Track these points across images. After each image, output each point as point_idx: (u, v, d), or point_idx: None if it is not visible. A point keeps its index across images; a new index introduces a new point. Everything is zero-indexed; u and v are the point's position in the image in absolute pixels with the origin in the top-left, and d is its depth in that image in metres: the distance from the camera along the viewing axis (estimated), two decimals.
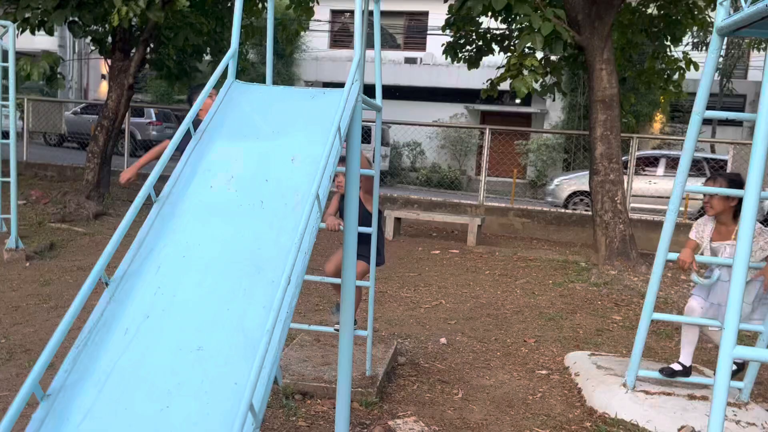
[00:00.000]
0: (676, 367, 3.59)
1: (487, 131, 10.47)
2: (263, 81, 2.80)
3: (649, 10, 9.58)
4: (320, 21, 20.82)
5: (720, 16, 2.66)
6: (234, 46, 2.42)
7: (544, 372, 4.04)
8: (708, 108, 2.92)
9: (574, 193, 12.19)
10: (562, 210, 10.40)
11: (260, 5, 11.50)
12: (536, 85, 9.13)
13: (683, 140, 3.10)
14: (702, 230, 3.50)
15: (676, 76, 9.80)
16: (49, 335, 3.74)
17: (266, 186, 1.96)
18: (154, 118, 18.88)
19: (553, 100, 10.89)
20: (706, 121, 16.58)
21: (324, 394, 3.36)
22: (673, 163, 12.04)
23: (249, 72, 18.77)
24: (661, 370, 3.59)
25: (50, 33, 8.90)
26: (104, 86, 25.04)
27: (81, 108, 19.65)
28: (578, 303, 5.87)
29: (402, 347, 4.31)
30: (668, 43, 9.63)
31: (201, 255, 1.77)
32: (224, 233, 1.84)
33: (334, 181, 3.33)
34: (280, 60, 21.02)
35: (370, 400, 3.34)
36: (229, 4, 11.20)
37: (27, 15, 8.29)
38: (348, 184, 2.42)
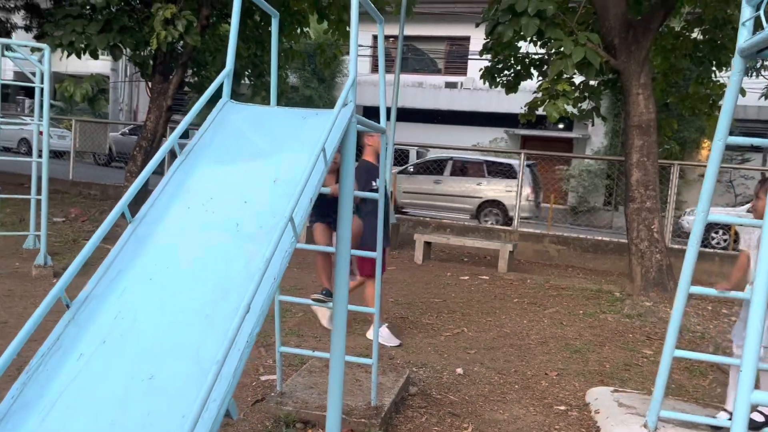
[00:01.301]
0: (757, 417, 3.32)
1: (522, 156, 10.29)
2: (306, 104, 2.77)
3: (694, 35, 9.32)
4: (362, 46, 21.05)
5: (742, 37, 2.50)
6: (229, 66, 2.40)
7: (562, 408, 3.84)
8: (751, 133, 2.76)
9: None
10: (599, 237, 10.09)
11: (299, 29, 11.71)
12: (573, 110, 8.95)
13: (731, 168, 2.93)
14: (749, 237, 3.29)
15: (721, 102, 9.46)
16: None
17: (244, 208, 1.90)
18: None
19: (592, 125, 10.66)
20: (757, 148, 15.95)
21: (323, 424, 3.25)
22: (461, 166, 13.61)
23: (292, 96, 19.10)
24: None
25: (94, 57, 9.19)
26: None
27: (129, 129, 20.25)
28: (608, 335, 5.62)
29: (415, 376, 4.17)
30: (713, 68, 9.32)
31: (168, 278, 1.72)
32: (196, 256, 1.78)
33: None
34: (322, 84, 21.30)
35: None
36: (269, 29, 11.42)
37: (72, 39, 8.59)
38: (341, 203, 2.35)
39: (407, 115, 20.33)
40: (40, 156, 6.14)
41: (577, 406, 3.88)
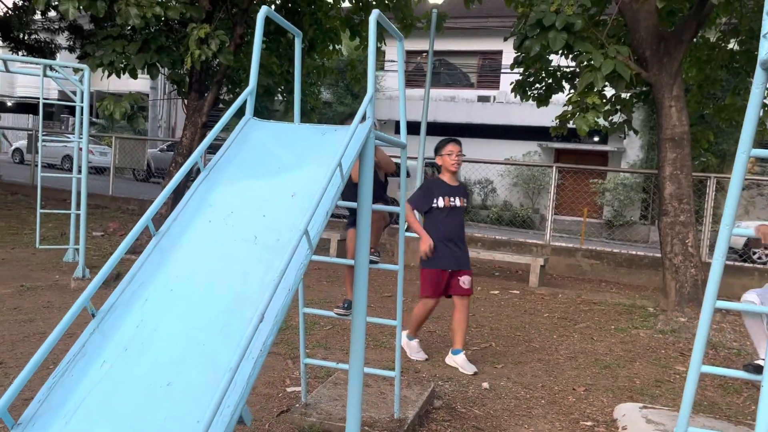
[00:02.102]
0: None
1: (554, 169, 10.22)
2: (339, 120, 2.84)
3: (730, 46, 9.17)
4: (394, 61, 21.20)
5: (763, 50, 2.47)
6: (252, 84, 2.48)
7: (588, 423, 3.79)
8: None
9: None
10: (634, 252, 9.92)
11: (332, 47, 11.89)
12: (605, 123, 8.87)
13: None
14: None
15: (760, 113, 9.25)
16: None
17: (262, 221, 1.96)
18: None
19: (624, 137, 10.53)
20: None
21: None
22: None
23: (325, 111, 19.35)
24: (745, 366, 3.35)
25: (133, 76, 9.49)
26: None
27: (167, 146, 20.75)
28: (639, 351, 5.52)
29: (441, 390, 4.17)
30: (750, 78, 9.13)
31: (188, 289, 1.78)
32: (215, 268, 1.85)
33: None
34: (355, 99, 21.52)
35: None
36: (302, 46, 11.62)
37: (112, 59, 8.89)
38: (360, 217, 2.40)
39: (439, 129, 20.36)
40: (80, 172, 6.35)
41: (604, 422, 3.83)
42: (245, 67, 10.32)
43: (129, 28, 9.27)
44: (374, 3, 11.43)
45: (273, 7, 11.29)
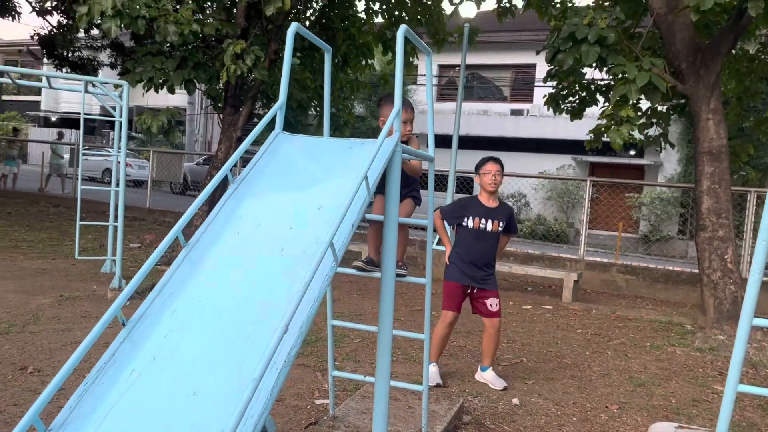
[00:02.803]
0: None
1: (588, 183, 10.10)
2: (373, 134, 2.86)
3: None
4: (424, 75, 21.28)
5: None
6: (282, 99, 2.52)
7: None
8: None
9: None
10: (671, 267, 9.70)
11: (365, 62, 12.00)
12: (640, 136, 8.73)
13: None
14: None
15: None
16: None
17: (289, 233, 1.99)
18: None
19: (659, 151, 10.35)
20: None
21: None
22: None
23: (358, 125, 19.48)
24: None
25: (171, 91, 9.72)
26: None
27: (203, 159, 21.14)
28: (676, 369, 5.38)
29: (470, 405, 4.14)
30: None
31: (216, 300, 1.81)
32: (242, 279, 1.88)
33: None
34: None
35: None
36: (336, 61, 11.77)
37: (151, 75, 9.12)
38: (386, 229, 2.41)
39: (472, 142, 20.32)
40: (118, 185, 6.52)
41: None
42: (279, 82, 10.49)
43: (168, 45, 9.53)
44: (407, 18, 11.53)
45: (307, 23, 11.48)
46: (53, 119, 31.05)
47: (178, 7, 8.62)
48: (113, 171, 6.84)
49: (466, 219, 4.59)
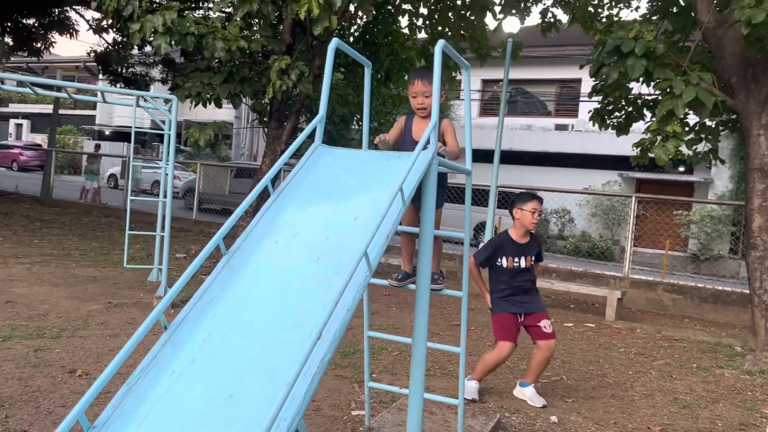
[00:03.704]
0: None
1: (633, 199, 9.90)
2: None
3: None
4: (472, 90, 21.29)
5: None
6: (321, 112, 2.58)
7: None
8: None
9: None
10: (720, 287, 9.41)
11: (407, 77, 12.09)
12: (688, 152, 8.52)
13: None
14: None
15: None
16: None
17: (326, 243, 2.04)
18: None
19: (709, 167, 10.08)
20: None
21: None
22: None
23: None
24: None
25: (218, 105, 9.98)
26: None
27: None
28: (723, 391, 5.21)
29: (507, 421, 4.09)
30: None
31: (254, 306, 1.87)
32: (280, 286, 1.93)
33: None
34: None
35: None
36: (379, 76, 11.91)
37: (200, 90, 9.40)
38: (422, 241, 2.43)
39: (516, 157, 20.16)
40: (166, 196, 6.72)
41: None
42: (320, 97, 10.66)
43: (216, 60, 9.80)
44: (450, 33, 11.59)
45: (351, 39, 11.65)
46: (107, 133, 32.17)
47: (226, 24, 8.88)
48: (161, 183, 7.04)
49: (499, 259, 4.53)
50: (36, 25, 17.86)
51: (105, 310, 5.99)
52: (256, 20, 10.29)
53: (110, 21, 9.61)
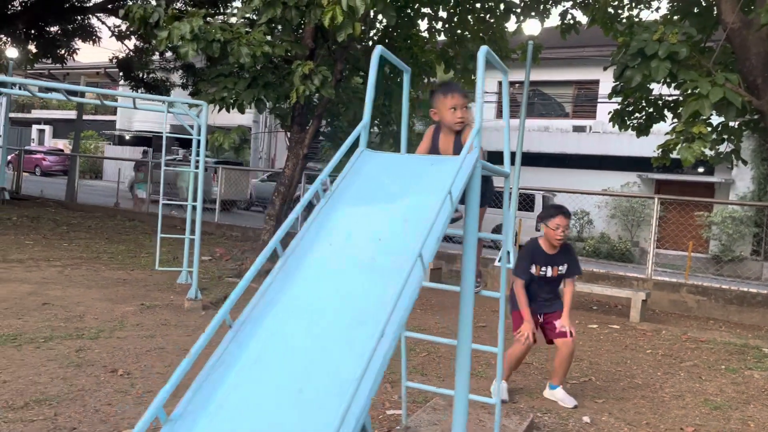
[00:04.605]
0: None
1: (656, 201, 9.88)
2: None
3: None
4: (488, 92, 21.28)
5: None
6: (366, 118, 2.66)
7: None
8: None
9: None
10: (745, 289, 9.36)
11: (426, 80, 12.17)
12: (711, 153, 8.50)
13: None
14: None
15: None
16: None
17: (378, 245, 2.10)
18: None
19: (730, 168, 10.04)
20: None
21: None
22: None
23: (417, 142, 19.64)
24: None
25: (241, 111, 10.11)
26: None
27: (267, 176, 21.71)
28: (754, 393, 5.21)
29: (540, 421, 4.14)
30: None
31: (314, 305, 1.94)
32: (336, 287, 2.00)
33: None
34: None
35: None
36: (399, 79, 11.97)
37: (224, 95, 9.53)
38: (466, 244, 2.49)
39: (533, 159, 20.12)
40: (195, 200, 6.84)
41: None
42: (343, 101, 10.74)
43: (236, 66, 9.92)
44: (469, 36, 11.64)
45: (371, 43, 11.73)
46: (127, 137, 32.56)
47: (249, 30, 9.00)
48: (190, 187, 7.17)
49: (531, 267, 4.55)
50: (59, 32, 18.19)
51: (138, 311, 6.11)
52: (279, 26, 10.42)
53: (133, 28, 9.79)
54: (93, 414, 3.51)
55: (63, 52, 18.26)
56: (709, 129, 7.06)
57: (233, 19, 9.38)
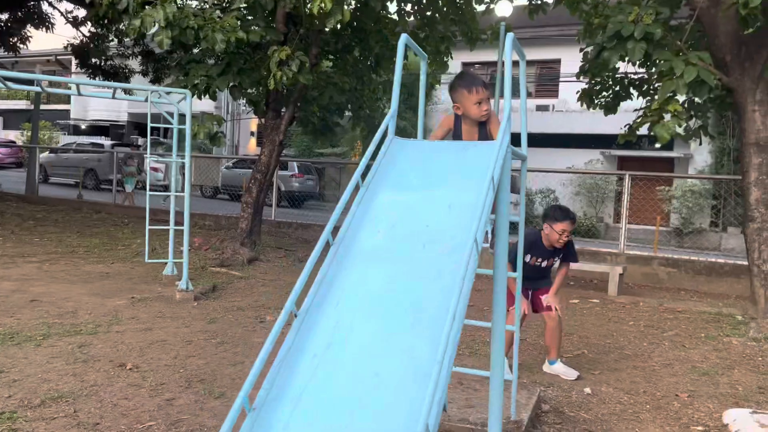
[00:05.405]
0: None
1: (627, 177, 10.18)
2: (400, 134, 2.89)
3: None
4: (451, 73, 21.41)
5: None
6: (394, 106, 2.70)
7: (700, 428, 3.84)
8: None
9: None
10: (713, 259, 9.75)
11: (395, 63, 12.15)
12: (680, 130, 8.79)
13: None
14: None
15: None
16: (220, 367, 4.15)
17: (426, 231, 2.16)
18: (296, 171, 20.17)
19: (700, 144, 10.39)
20: None
21: None
22: None
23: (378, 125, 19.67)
24: None
25: (213, 98, 9.95)
26: (252, 142, 27.23)
27: (233, 163, 21.44)
28: (735, 358, 5.49)
29: (545, 395, 4.29)
30: None
31: (373, 292, 1.99)
32: (391, 273, 2.05)
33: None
34: (416, 113, 21.78)
35: None
36: (368, 63, 11.95)
37: (196, 81, 9.35)
38: (498, 229, 2.57)
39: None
40: (178, 190, 6.74)
41: (715, 427, 3.87)
42: (317, 86, 10.67)
43: (206, 50, 9.72)
44: (439, 18, 11.66)
45: (339, 26, 11.65)
46: (83, 127, 31.61)
47: (221, 15, 8.83)
48: (172, 177, 7.07)
49: (526, 256, 4.62)
50: (11, 19, 17.47)
51: (130, 305, 6.04)
52: (248, 11, 10.26)
53: (103, 14, 9.49)
54: (112, 409, 3.50)
55: (15, 40, 17.58)
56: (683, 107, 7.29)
57: (205, 5, 9.19)
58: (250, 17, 9.70)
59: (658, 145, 19.53)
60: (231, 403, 3.63)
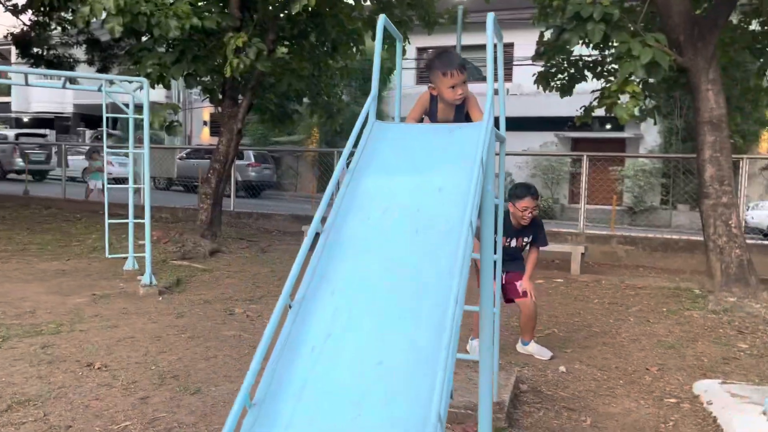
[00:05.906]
0: None
1: (585, 158, 10.37)
2: (355, 120, 2.77)
3: (752, 27, 9.27)
4: (407, 59, 21.30)
5: None
6: (374, 91, 2.63)
7: (672, 400, 3.94)
8: None
9: None
10: (668, 236, 10.04)
11: (354, 49, 12.00)
12: (636, 110, 8.99)
13: None
14: None
15: None
16: (193, 363, 4.03)
17: (418, 215, 2.12)
18: (252, 160, 19.85)
19: (655, 123, 10.65)
20: None
21: (453, 419, 3.44)
22: None
23: (344, 112, 19.50)
24: None
25: (167, 87, 9.67)
26: (206, 132, 26.67)
27: (187, 153, 20.96)
28: (698, 331, 5.66)
29: (522, 375, 4.33)
30: None
31: (369, 279, 1.94)
32: (385, 260, 2.00)
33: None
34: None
35: (500, 426, 3.39)
36: (325, 49, 11.76)
37: (149, 70, 9.05)
38: (483, 213, 2.55)
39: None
40: (136, 183, 6.53)
41: (686, 398, 3.98)
42: (274, 73, 10.47)
43: (161, 39, 9.42)
44: (396, 2, 11.57)
45: (294, 12, 11.44)
46: (25, 120, 30.36)
47: (173, 1, 8.55)
48: (130, 170, 6.84)
49: (506, 239, 4.60)
50: None
51: (92, 302, 5.82)
52: None
53: (48, 1, 9.09)
54: (84, 410, 3.36)
55: None
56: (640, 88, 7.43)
57: None
58: (202, 2, 9.43)
59: (608, 126, 20.11)
60: (207, 398, 3.55)
